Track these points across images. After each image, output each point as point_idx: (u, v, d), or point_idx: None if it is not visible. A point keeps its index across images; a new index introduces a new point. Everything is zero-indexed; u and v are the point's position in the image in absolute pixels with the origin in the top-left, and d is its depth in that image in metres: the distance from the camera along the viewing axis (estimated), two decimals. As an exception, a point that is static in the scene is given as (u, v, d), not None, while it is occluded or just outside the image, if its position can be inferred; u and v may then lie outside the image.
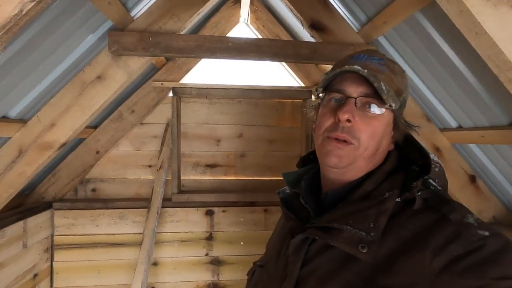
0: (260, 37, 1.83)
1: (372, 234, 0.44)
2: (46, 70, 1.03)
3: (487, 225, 0.43)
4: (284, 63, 1.88)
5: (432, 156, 0.49)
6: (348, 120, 0.49)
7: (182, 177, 1.78)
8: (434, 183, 0.47)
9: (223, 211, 1.74)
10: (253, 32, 1.85)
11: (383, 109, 0.50)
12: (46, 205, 1.60)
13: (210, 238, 1.73)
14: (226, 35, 1.70)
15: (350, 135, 0.50)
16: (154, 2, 1.14)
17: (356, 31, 1.22)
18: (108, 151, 1.73)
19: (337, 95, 0.53)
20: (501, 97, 0.92)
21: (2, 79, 0.91)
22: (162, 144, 1.72)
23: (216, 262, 1.73)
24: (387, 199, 0.47)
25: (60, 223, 1.63)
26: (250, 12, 1.76)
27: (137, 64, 1.15)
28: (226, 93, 1.73)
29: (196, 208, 1.72)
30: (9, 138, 1.10)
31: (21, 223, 1.38)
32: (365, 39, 1.20)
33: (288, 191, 0.64)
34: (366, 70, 0.49)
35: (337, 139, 0.50)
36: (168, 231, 1.70)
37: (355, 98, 0.50)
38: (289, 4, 1.21)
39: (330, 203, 0.53)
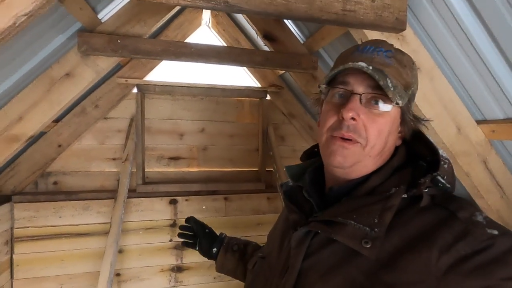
0: (221, 40, 1.99)
1: (376, 229, 0.42)
2: (15, 67, 1.08)
3: (496, 223, 0.42)
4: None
5: (441, 152, 0.47)
6: (353, 118, 0.47)
7: (146, 169, 1.88)
8: (442, 180, 0.45)
9: (186, 200, 1.88)
10: (214, 35, 2.00)
11: (390, 106, 0.48)
12: (4, 198, 1.59)
13: (173, 225, 1.86)
14: (188, 39, 1.83)
15: (356, 134, 0.47)
16: (122, 7, 1.24)
17: (302, 42, 1.45)
18: (70, 145, 1.76)
19: (341, 91, 0.50)
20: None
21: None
22: (127, 138, 1.80)
23: (180, 247, 1.87)
24: (393, 195, 0.45)
25: (20, 216, 1.64)
26: (212, 16, 1.90)
27: (106, 64, 1.25)
28: (189, 91, 1.87)
29: (161, 197, 1.84)
30: (-27, 130, 1.13)
31: (-19, 215, 1.39)
32: (309, 50, 1.43)
33: (291, 184, 0.63)
34: (371, 67, 0.46)
35: (342, 138, 0.48)
36: (133, 220, 1.80)
37: (360, 94, 0.48)
38: (245, 16, 1.39)
39: (334, 198, 0.51)
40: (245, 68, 2.10)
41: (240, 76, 2.16)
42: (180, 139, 1.94)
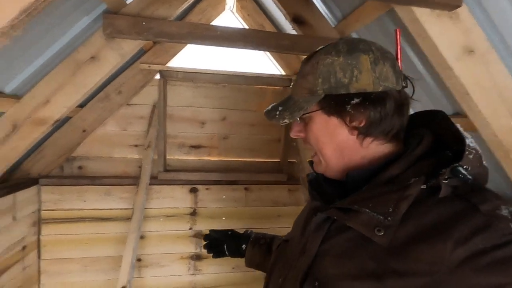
0: (245, 25, 1.92)
1: (389, 218, 0.43)
2: (42, 48, 1.08)
3: None
4: (267, 52, 1.99)
5: (468, 141, 0.45)
6: (298, 135, 0.57)
7: (167, 157, 1.87)
8: (463, 171, 0.43)
9: (207, 188, 1.86)
10: (238, 20, 1.93)
11: (295, 118, 0.54)
12: (32, 181, 1.63)
13: (194, 213, 1.86)
14: (212, 23, 1.77)
15: (307, 144, 0.57)
16: (147, -12, 1.19)
17: (333, 26, 1.36)
18: (94, 130, 1.77)
19: None
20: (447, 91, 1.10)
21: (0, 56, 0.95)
22: (149, 125, 1.79)
23: (199, 235, 1.86)
24: (412, 185, 0.45)
25: (47, 199, 1.68)
26: (236, 1, 1.83)
27: (130, 47, 1.22)
28: (211, 78, 1.82)
29: (181, 185, 1.83)
30: (3, 113, 1.14)
31: (10, 196, 1.42)
32: (340, 34, 1.34)
33: (316, 174, 0.66)
34: (270, 106, 0.58)
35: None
36: (154, 207, 1.80)
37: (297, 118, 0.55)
38: (274, -2, 1.32)
39: (353, 185, 0.53)
40: (269, 55, 2.02)
41: (263, 63, 2.09)
42: (201, 127, 1.91)
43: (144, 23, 1.16)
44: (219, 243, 0.93)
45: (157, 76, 1.78)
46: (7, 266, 1.43)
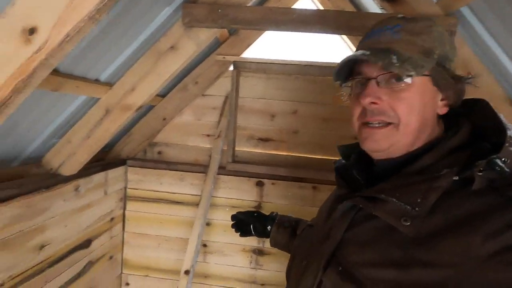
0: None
1: (417, 209, 0.43)
2: (130, 40, 1.16)
3: None
4: (346, 39, 1.81)
5: (510, 132, 0.43)
6: (374, 103, 0.49)
7: (236, 148, 1.88)
8: (500, 164, 0.41)
9: (273, 183, 1.81)
10: (317, 6, 1.80)
11: (409, 78, 0.47)
12: (121, 162, 1.85)
13: (258, 207, 1.83)
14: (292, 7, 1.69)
15: (383, 115, 0.49)
16: (224, -26, 1.18)
17: (435, 1, 1.12)
18: (173, 119, 1.90)
19: (358, 79, 0.52)
20: None
21: (96, 47, 1.06)
22: (221, 115, 1.83)
23: (263, 230, 1.82)
24: (443, 176, 0.44)
25: (132, 178, 1.88)
26: (316, -15, 1.71)
27: (206, 35, 1.23)
28: (284, 69, 1.75)
29: (248, 178, 1.82)
30: (99, 99, 1.29)
31: (103, 173, 1.63)
32: (444, 10, 1.09)
33: (343, 161, 0.67)
34: (368, 52, 0.47)
35: (371, 124, 0.50)
36: (221, 196, 1.84)
37: (376, 78, 0.49)
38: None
39: (382, 174, 0.52)
40: (348, 42, 1.83)
41: (341, 52, 1.91)
42: (271, 120, 1.86)
43: (220, 10, 1.15)
44: (246, 224, 0.97)
45: (231, 68, 1.79)
46: (99, 233, 1.65)
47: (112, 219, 1.76)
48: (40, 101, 1.05)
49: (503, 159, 0.41)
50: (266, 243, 1.83)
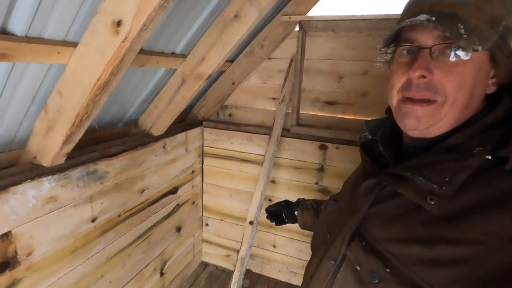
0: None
1: (444, 188, 0.41)
2: (197, 13, 1.25)
3: None
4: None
5: None
6: (423, 76, 0.43)
7: (301, 111, 1.90)
8: None
9: (337, 147, 1.80)
10: None
11: (469, 53, 0.41)
12: (198, 123, 2.09)
13: (321, 170, 1.87)
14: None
15: (430, 91, 0.44)
16: None
17: None
18: (241, 83, 2.00)
19: (408, 48, 0.46)
20: None
21: (170, 25, 1.18)
22: (285, 79, 1.84)
23: (325, 191, 1.89)
24: (475, 154, 0.41)
25: (207, 137, 2.13)
26: None
27: (267, 1, 1.22)
28: (354, 25, 1.60)
29: (311, 141, 1.85)
30: (175, 69, 1.46)
31: (184, 133, 1.89)
32: None
33: (370, 137, 0.64)
34: (434, 17, 0.40)
35: (413, 100, 0.45)
36: (285, 157, 1.94)
37: (430, 48, 0.43)
38: None
39: (411, 153, 0.50)
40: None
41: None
42: (338, 82, 1.78)
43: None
44: (278, 214, 1.05)
45: (297, 28, 1.73)
46: (183, 182, 1.98)
47: (193, 171, 2.08)
48: (132, 76, 1.27)
49: None
50: (328, 204, 1.90)
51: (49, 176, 1.05)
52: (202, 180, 2.22)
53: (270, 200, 2.04)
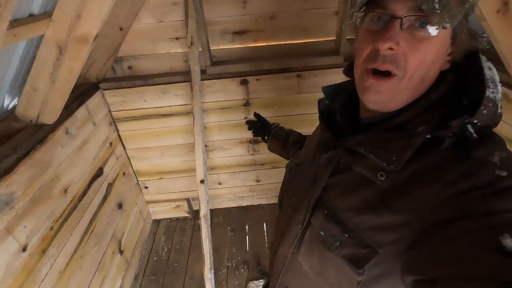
0: None
1: (392, 166, 0.45)
2: None
3: None
4: None
5: (489, 92, 0.41)
6: (391, 48, 0.42)
7: (211, 48, 1.74)
8: (471, 130, 0.41)
9: (257, 79, 1.79)
10: None
11: (438, 30, 0.41)
12: (94, 87, 1.71)
13: (247, 104, 1.89)
14: None
15: (393, 65, 0.43)
16: None
17: None
18: (131, 26, 1.63)
19: (378, 15, 0.44)
20: None
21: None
22: (186, 15, 1.58)
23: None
24: (418, 133, 0.45)
25: (112, 101, 1.80)
26: None
27: None
28: None
29: (231, 78, 1.78)
30: (43, 35, 1.07)
31: (84, 106, 1.55)
32: None
33: (327, 102, 0.63)
34: None
35: (376, 72, 0.45)
36: (209, 101, 1.85)
37: (401, 18, 0.41)
38: None
39: (367, 124, 0.53)
40: None
41: None
42: (243, 7, 1.63)
43: None
44: (256, 130, 1.18)
45: None
46: (106, 159, 1.74)
47: (110, 143, 1.82)
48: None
49: (475, 121, 0.41)
50: (260, 133, 2.01)
51: None
52: (124, 148, 1.99)
53: (206, 146, 2.02)
